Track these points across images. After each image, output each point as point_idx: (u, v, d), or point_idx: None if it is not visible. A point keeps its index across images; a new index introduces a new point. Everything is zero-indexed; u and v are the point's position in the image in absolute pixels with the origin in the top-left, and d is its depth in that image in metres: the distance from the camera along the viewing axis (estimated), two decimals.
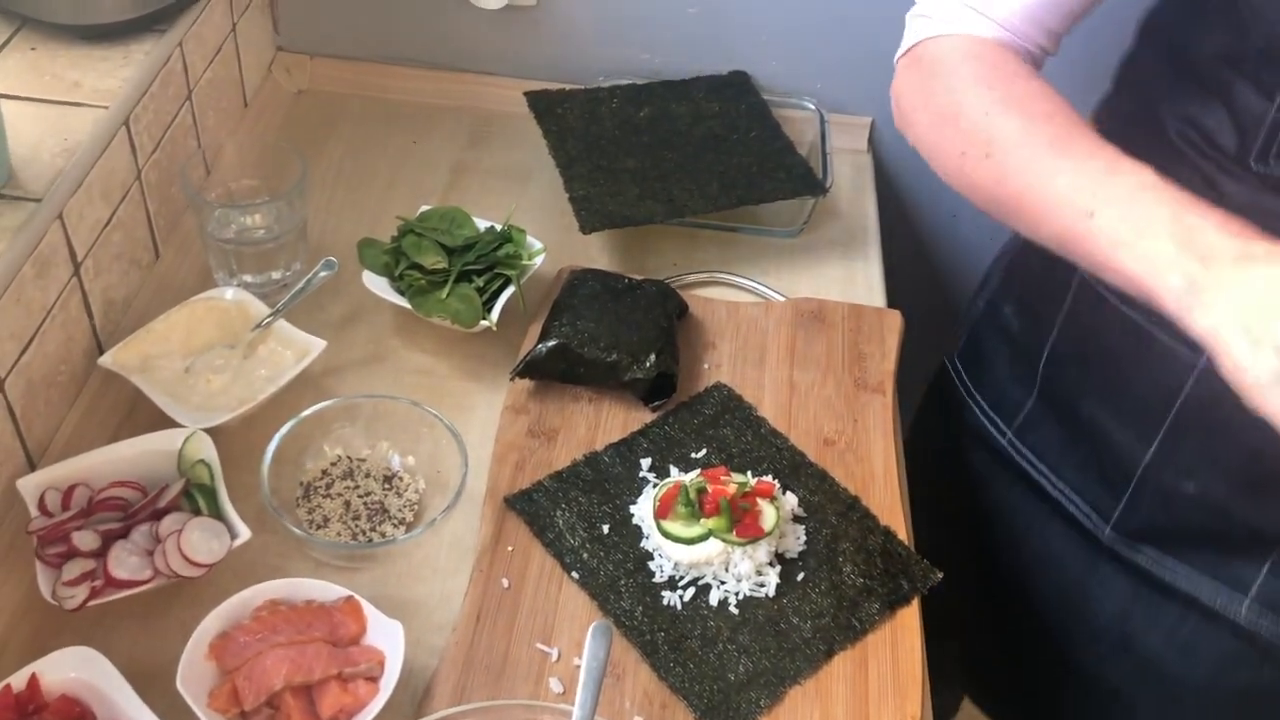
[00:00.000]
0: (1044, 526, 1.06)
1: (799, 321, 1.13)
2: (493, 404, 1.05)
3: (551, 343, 1.03)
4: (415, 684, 0.85)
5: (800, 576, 0.92)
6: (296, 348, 1.04)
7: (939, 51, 0.86)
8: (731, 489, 0.92)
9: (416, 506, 0.96)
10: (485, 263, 1.09)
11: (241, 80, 1.32)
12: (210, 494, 0.90)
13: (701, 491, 0.92)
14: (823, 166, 1.27)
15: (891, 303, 1.19)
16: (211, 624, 0.82)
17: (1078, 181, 0.73)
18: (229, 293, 1.07)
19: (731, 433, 1.02)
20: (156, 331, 1.02)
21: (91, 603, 0.83)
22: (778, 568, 0.92)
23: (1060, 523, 1.04)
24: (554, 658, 0.86)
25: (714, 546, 0.90)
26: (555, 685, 0.84)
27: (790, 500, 0.96)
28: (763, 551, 0.91)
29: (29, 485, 0.89)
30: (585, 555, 0.92)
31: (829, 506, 0.97)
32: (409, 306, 1.07)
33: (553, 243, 1.15)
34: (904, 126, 0.89)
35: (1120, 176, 0.71)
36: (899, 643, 0.89)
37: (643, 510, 0.95)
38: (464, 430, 0.98)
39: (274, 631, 0.82)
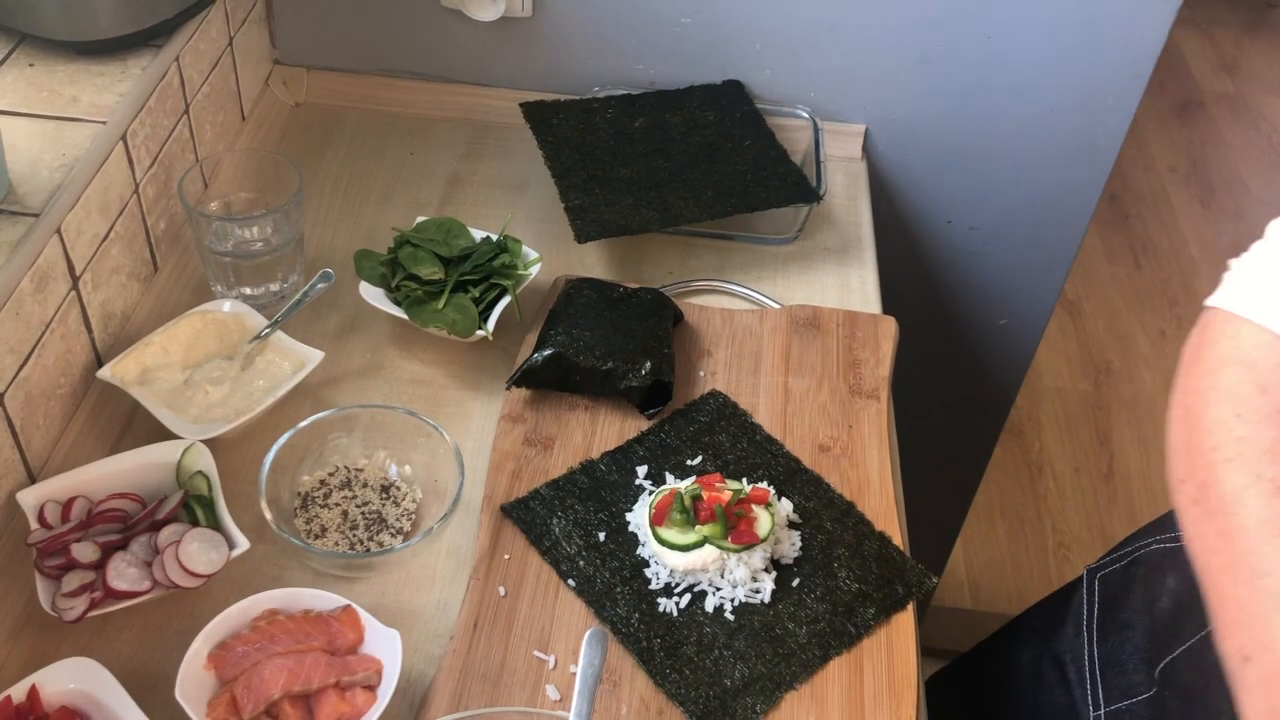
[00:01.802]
0: None
1: (794, 328, 1.14)
2: (489, 413, 1.06)
3: (547, 351, 1.03)
4: (413, 692, 0.85)
5: (796, 582, 0.92)
6: (294, 359, 1.05)
7: (1219, 336, 0.67)
8: (726, 496, 0.92)
9: (414, 516, 0.97)
10: (481, 273, 1.10)
11: (239, 93, 1.33)
12: (208, 505, 0.91)
13: (697, 498, 0.92)
14: (817, 174, 1.27)
15: (886, 309, 1.20)
16: (210, 634, 0.83)
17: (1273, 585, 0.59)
18: (227, 305, 1.07)
19: (727, 439, 1.03)
20: (155, 344, 1.03)
21: (91, 614, 0.84)
22: (773, 574, 0.92)
23: None
24: (551, 665, 0.87)
25: (709, 553, 0.90)
26: (552, 692, 0.85)
27: (785, 506, 0.97)
28: (758, 558, 0.92)
29: (28, 498, 0.90)
30: (581, 563, 0.93)
31: (824, 512, 0.97)
32: (406, 317, 1.07)
33: (549, 252, 1.16)
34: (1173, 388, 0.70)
35: None
36: (894, 648, 0.89)
37: (638, 517, 0.95)
38: (461, 439, 0.99)
39: (272, 641, 0.83)
